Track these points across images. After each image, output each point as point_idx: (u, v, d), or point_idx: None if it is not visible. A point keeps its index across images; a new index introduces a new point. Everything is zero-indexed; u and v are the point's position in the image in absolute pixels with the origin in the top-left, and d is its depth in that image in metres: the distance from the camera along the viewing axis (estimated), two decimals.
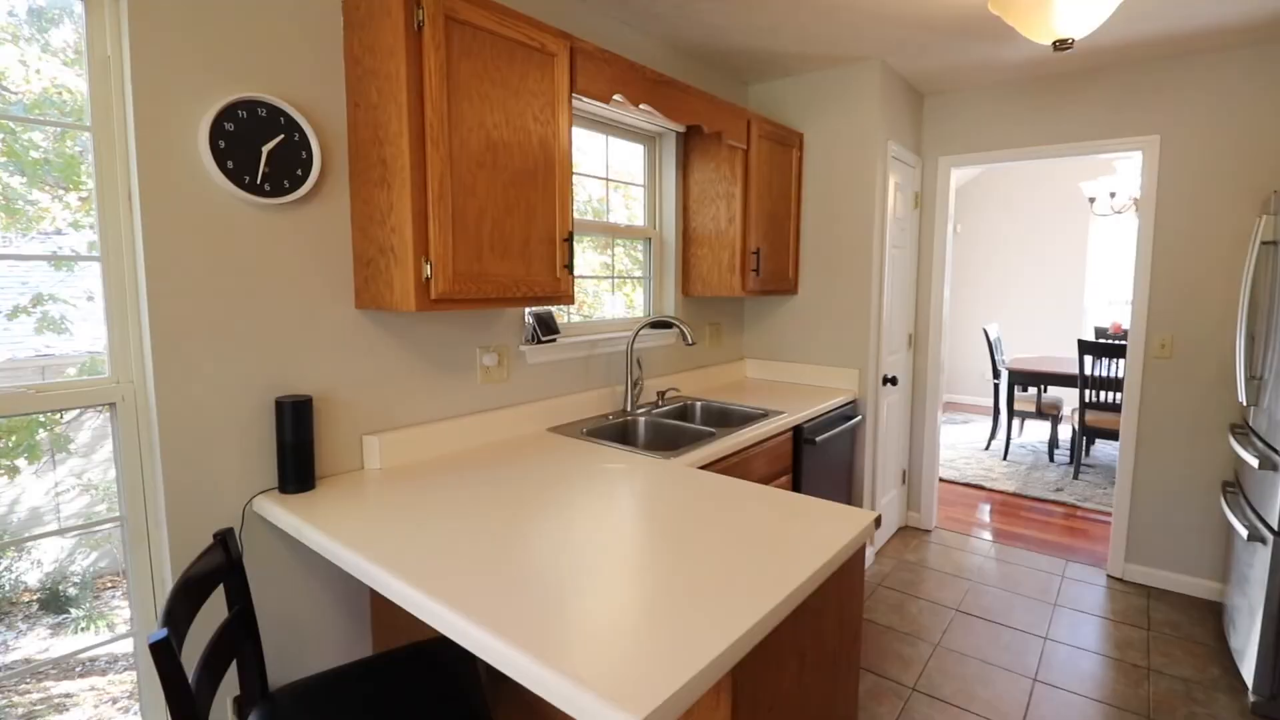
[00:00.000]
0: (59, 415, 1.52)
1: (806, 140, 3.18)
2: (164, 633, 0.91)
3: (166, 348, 1.44)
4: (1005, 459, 5.05)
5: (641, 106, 2.19)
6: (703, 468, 1.96)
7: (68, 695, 1.56)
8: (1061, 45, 1.90)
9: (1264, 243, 2.41)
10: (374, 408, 1.83)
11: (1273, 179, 2.72)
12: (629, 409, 2.55)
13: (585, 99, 2.02)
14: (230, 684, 1.59)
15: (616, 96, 2.08)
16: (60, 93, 1.46)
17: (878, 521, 1.49)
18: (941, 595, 2.97)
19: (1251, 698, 2.22)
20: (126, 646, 1.58)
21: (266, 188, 1.55)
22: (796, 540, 1.32)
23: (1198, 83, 2.85)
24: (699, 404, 2.75)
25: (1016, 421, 6.01)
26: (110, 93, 1.41)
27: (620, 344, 2.62)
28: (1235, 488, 2.67)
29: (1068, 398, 5.60)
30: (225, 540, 1.27)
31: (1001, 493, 4.36)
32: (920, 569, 3.24)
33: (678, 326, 2.50)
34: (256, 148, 1.53)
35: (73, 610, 1.64)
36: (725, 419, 2.64)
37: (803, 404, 2.73)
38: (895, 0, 2.32)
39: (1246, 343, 2.44)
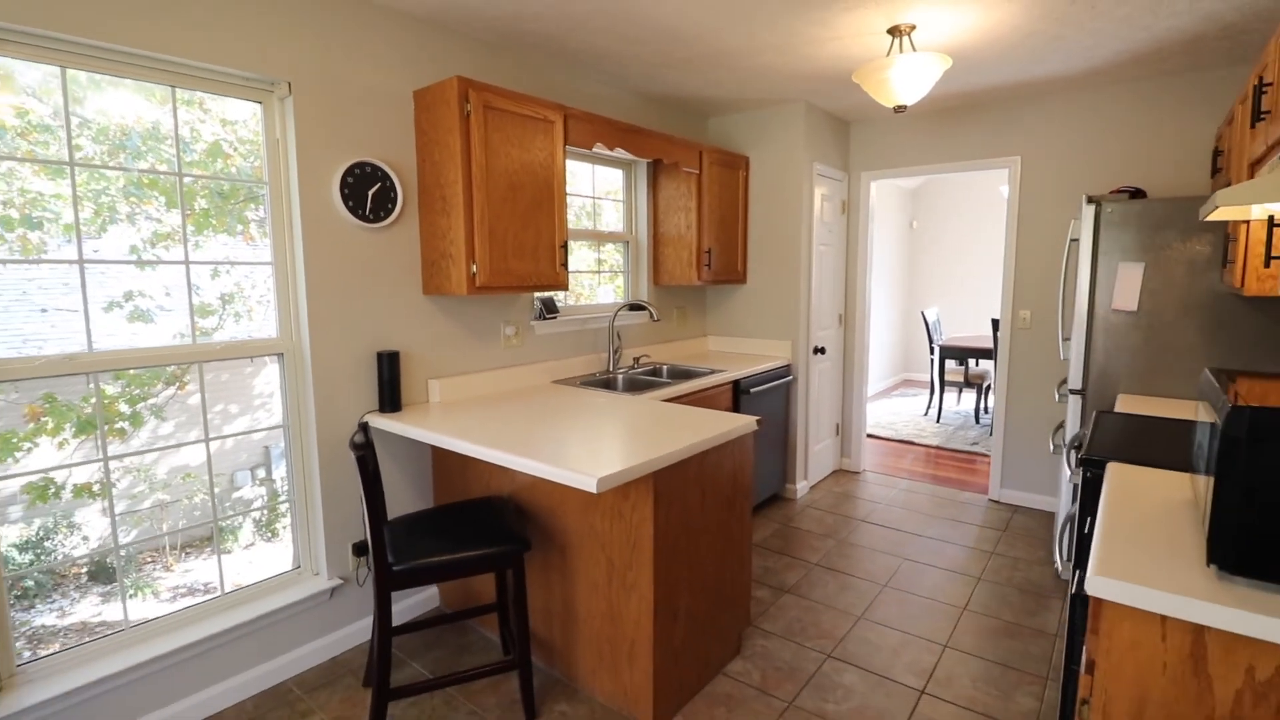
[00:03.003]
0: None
1: (752, 162, 4.06)
2: (363, 445, 1.80)
3: (317, 319, 2.33)
4: (938, 422, 5.94)
5: (616, 150, 3.07)
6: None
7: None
8: (899, 109, 2.77)
9: (1072, 240, 3.29)
10: (434, 361, 2.72)
11: (1091, 190, 3.59)
12: (611, 369, 3.44)
13: (575, 147, 2.89)
14: (351, 531, 2.49)
15: (598, 145, 2.96)
16: (233, 151, 2.34)
17: (759, 423, 2.37)
18: (853, 512, 3.87)
19: (1058, 566, 3.11)
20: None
21: (370, 217, 2.44)
22: (705, 428, 2.20)
23: (1046, 117, 3.72)
24: (665, 366, 3.64)
25: (956, 392, 6.90)
26: (279, 158, 2.29)
27: (604, 321, 3.51)
28: (1062, 425, 3.56)
29: (992, 369, 6.47)
30: (365, 426, 2.15)
31: (927, 446, 5.26)
32: (843, 497, 4.13)
33: (647, 308, 3.38)
34: (365, 192, 2.42)
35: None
36: (683, 376, 3.53)
37: (745, 366, 3.62)
38: (805, 66, 3.19)
39: (1062, 314, 3.32)
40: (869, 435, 5.55)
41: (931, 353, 6.14)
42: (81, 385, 1.98)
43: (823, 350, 4.21)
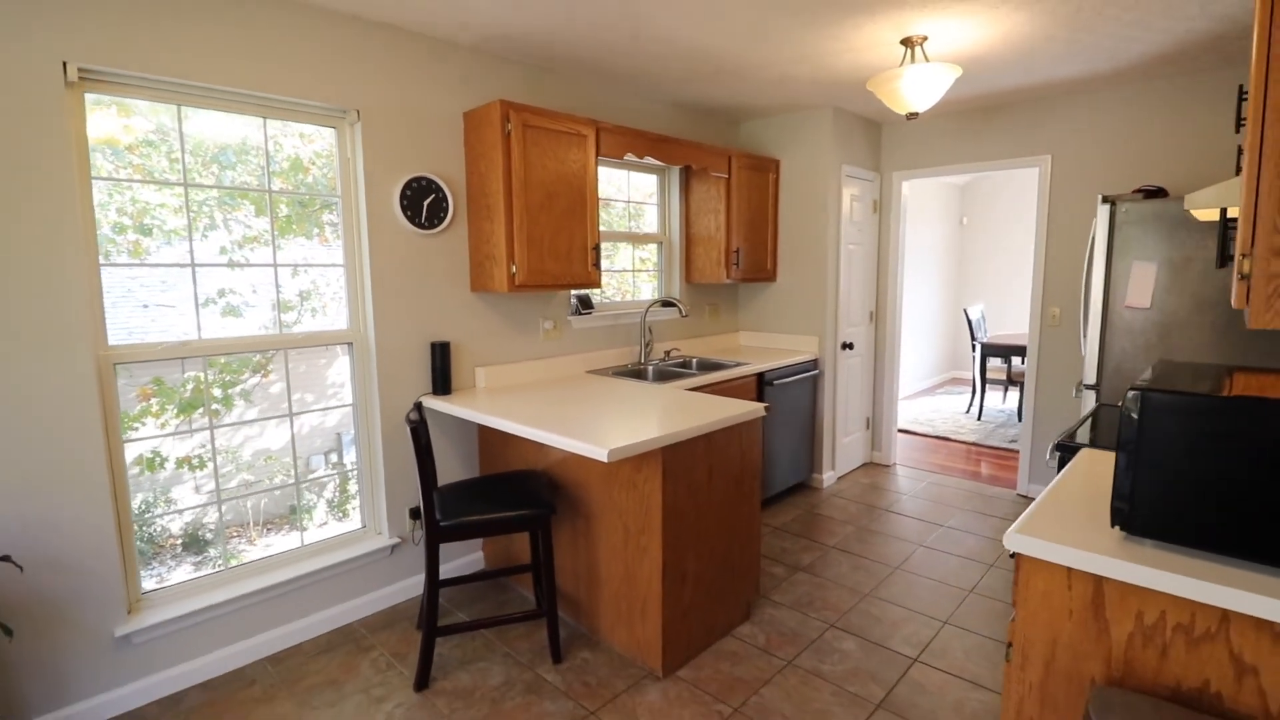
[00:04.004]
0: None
1: (782, 165, 4.25)
2: (416, 422, 2.14)
3: (381, 313, 2.70)
4: (979, 419, 5.94)
5: (646, 158, 3.33)
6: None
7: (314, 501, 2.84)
8: (911, 116, 2.92)
9: (1093, 238, 3.34)
10: (480, 350, 3.06)
11: (1121, 188, 3.61)
12: (642, 361, 3.71)
13: (607, 157, 3.17)
14: (409, 498, 2.85)
15: (629, 154, 3.23)
16: (311, 165, 2.72)
17: (766, 409, 2.60)
18: (878, 502, 4.01)
19: None
20: None
21: (426, 225, 2.79)
22: (711, 412, 2.45)
23: (1076, 115, 3.76)
24: (695, 359, 3.88)
25: (1000, 390, 6.85)
26: (350, 175, 2.66)
27: (637, 317, 3.78)
28: None
29: None
30: (420, 405, 2.50)
31: (963, 443, 5.30)
32: (870, 488, 4.27)
33: (676, 304, 3.64)
34: (421, 203, 2.77)
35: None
36: (710, 368, 3.76)
37: (770, 360, 3.82)
38: (825, 75, 3.37)
39: (1084, 312, 3.38)
40: (905, 431, 5.63)
41: (973, 350, 6.13)
42: (178, 373, 2.38)
43: (850, 346, 4.35)
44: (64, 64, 1.97)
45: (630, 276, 3.96)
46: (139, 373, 2.29)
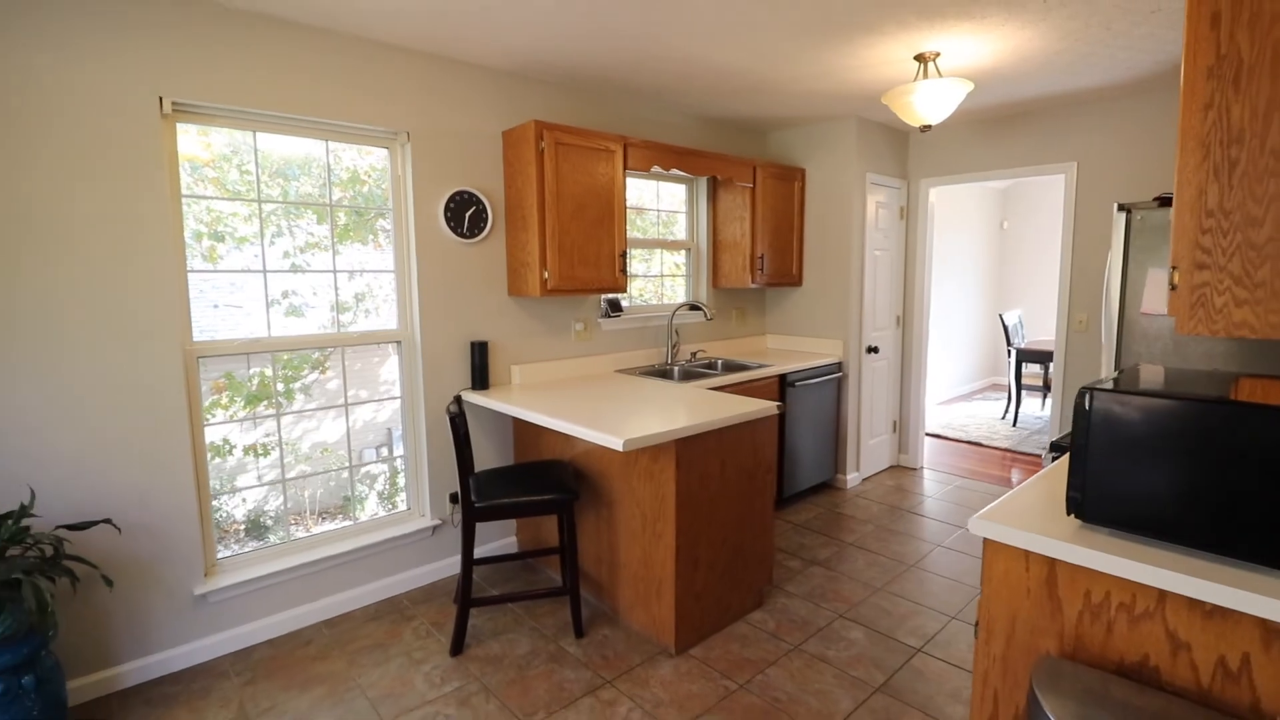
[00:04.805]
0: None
1: (808, 174, 4.38)
2: (456, 414, 2.38)
3: (427, 314, 2.97)
4: (1014, 425, 5.90)
5: (672, 170, 3.53)
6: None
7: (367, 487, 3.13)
8: (925, 128, 3.03)
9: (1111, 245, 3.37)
10: (516, 349, 3.31)
11: (1147, 195, 3.61)
12: (668, 362, 3.90)
13: (635, 170, 3.38)
14: (449, 484, 3.10)
15: (655, 167, 3.43)
16: (366, 178, 3.00)
17: (779, 408, 2.75)
18: (900, 503, 4.09)
19: None
20: None
21: (467, 234, 3.05)
22: (724, 409, 2.62)
23: (1100, 123, 3.77)
24: (720, 360, 4.05)
25: (1040, 396, 6.77)
26: (400, 190, 2.94)
27: (665, 319, 3.98)
28: None
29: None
30: (459, 399, 2.75)
31: (994, 448, 5.30)
32: (894, 489, 4.35)
33: (701, 308, 3.82)
34: (463, 214, 3.03)
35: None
36: (734, 369, 3.92)
37: (794, 362, 3.96)
38: (845, 89, 3.50)
39: (1105, 318, 3.41)
40: (935, 435, 5.65)
41: (1009, 356, 6.10)
42: (245, 369, 2.67)
43: (876, 350, 4.44)
44: (160, 99, 2.29)
45: (662, 281, 4.16)
46: (212, 367, 2.58)
